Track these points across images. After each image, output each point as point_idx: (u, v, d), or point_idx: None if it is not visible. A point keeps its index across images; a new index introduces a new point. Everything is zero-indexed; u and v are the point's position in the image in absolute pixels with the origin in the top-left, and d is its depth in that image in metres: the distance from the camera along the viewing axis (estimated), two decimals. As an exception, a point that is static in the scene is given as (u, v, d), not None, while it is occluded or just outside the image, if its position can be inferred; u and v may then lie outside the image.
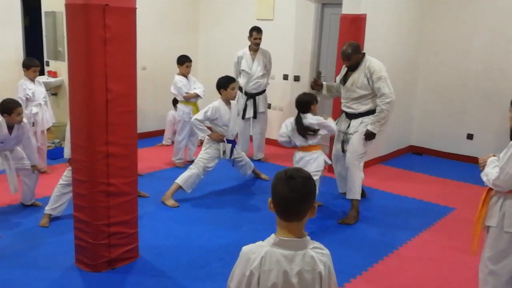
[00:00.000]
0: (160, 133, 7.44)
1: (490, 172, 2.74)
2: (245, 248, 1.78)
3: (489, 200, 2.83)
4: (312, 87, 4.99)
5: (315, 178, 4.17)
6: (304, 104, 4.46)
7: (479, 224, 2.86)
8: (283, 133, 4.50)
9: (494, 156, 2.85)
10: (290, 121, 4.49)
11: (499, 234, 2.76)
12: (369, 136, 4.56)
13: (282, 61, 6.94)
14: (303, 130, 4.42)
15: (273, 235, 1.77)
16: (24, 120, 4.56)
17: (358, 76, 4.55)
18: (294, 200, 1.71)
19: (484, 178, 2.79)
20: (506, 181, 2.66)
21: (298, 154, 4.53)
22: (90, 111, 3.28)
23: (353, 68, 4.58)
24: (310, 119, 4.41)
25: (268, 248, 1.73)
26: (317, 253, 1.75)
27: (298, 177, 1.72)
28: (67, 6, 3.24)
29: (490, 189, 2.82)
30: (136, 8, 3.35)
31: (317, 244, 1.80)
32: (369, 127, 4.53)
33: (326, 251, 1.80)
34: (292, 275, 1.71)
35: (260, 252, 1.73)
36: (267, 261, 1.72)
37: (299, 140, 4.47)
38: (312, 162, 4.44)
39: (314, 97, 4.54)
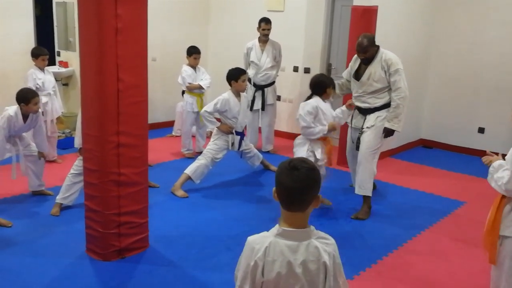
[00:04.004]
0: (170, 124, 7.46)
1: (501, 177, 2.52)
2: (250, 238, 1.80)
3: (503, 208, 2.60)
4: None
5: None
6: (319, 84, 4.18)
7: (495, 233, 2.64)
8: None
9: (498, 155, 2.69)
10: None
11: None
12: (388, 133, 4.48)
13: (292, 53, 6.91)
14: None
15: (277, 226, 1.78)
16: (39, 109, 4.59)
17: (374, 70, 4.43)
18: (297, 190, 1.71)
19: (493, 184, 2.59)
20: None
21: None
22: (101, 101, 3.29)
23: (367, 61, 4.47)
24: (300, 107, 4.14)
25: (272, 238, 1.74)
26: (322, 243, 1.75)
27: (302, 167, 1.72)
28: (79, -5, 3.24)
29: (503, 196, 2.61)
30: (147, -2, 3.36)
31: (322, 234, 1.80)
32: (387, 125, 4.42)
33: (332, 240, 1.80)
34: (296, 265, 1.72)
35: (264, 243, 1.74)
36: (271, 252, 1.73)
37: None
38: (296, 146, 4.32)
39: (331, 80, 4.30)
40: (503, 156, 2.66)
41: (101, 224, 3.48)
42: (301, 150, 4.29)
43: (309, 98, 4.28)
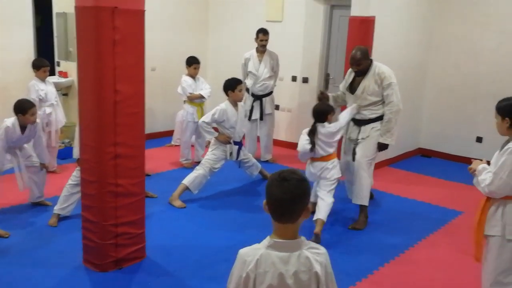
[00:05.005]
0: (169, 134, 7.47)
1: (484, 179, 2.74)
2: (242, 251, 1.82)
3: (488, 209, 2.82)
4: (320, 99, 4.86)
5: (333, 186, 4.29)
6: (322, 113, 4.33)
7: (480, 232, 2.85)
8: (302, 146, 4.29)
9: (483, 160, 2.87)
10: (306, 136, 4.30)
11: (503, 243, 2.76)
12: (382, 147, 4.52)
13: (291, 63, 6.95)
14: (319, 139, 4.28)
15: (268, 237, 1.79)
16: (37, 120, 4.62)
17: (368, 83, 4.47)
18: (287, 201, 1.73)
19: (478, 187, 2.80)
20: (499, 186, 2.67)
21: (319, 164, 4.32)
22: (98, 112, 3.32)
23: (361, 74, 4.51)
24: (328, 127, 4.29)
25: (263, 250, 1.76)
26: (313, 253, 1.77)
27: (292, 179, 1.74)
28: (77, 8, 3.28)
29: (488, 198, 2.82)
30: (144, 11, 3.39)
31: (313, 244, 1.81)
32: (380, 139, 4.47)
33: (323, 250, 1.81)
34: (287, 277, 1.73)
35: (255, 255, 1.76)
36: (263, 264, 1.75)
37: (321, 150, 4.28)
38: (332, 169, 4.34)
39: (332, 107, 4.44)
40: (488, 162, 2.85)
41: (98, 235, 3.48)
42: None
43: (314, 126, 4.30)
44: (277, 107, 6.92)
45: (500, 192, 2.71)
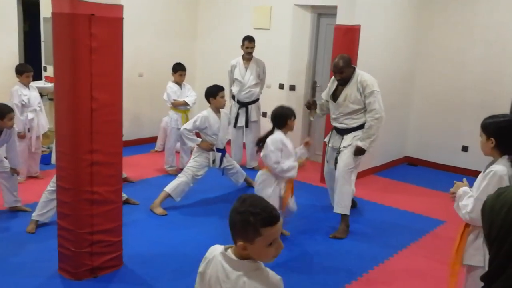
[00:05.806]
0: (156, 140, 7.43)
1: (465, 204, 2.53)
2: (211, 247, 1.86)
3: (467, 237, 2.61)
4: (309, 107, 4.91)
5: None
6: (279, 117, 4.06)
7: (458, 262, 2.65)
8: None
9: (463, 181, 2.71)
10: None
11: None
12: (359, 151, 4.50)
13: (278, 70, 6.95)
14: (260, 145, 4.10)
15: (226, 246, 1.81)
16: (14, 125, 4.59)
17: (350, 91, 4.47)
18: (229, 220, 1.76)
19: (459, 212, 2.60)
20: None
21: None
22: (75, 120, 3.29)
23: (343, 82, 4.51)
24: (268, 143, 4.00)
25: (217, 253, 1.79)
26: (253, 280, 1.70)
27: (237, 205, 1.73)
28: (54, 15, 3.27)
29: (467, 224, 2.62)
30: (123, 18, 3.37)
31: (263, 272, 1.74)
32: (360, 143, 4.45)
33: (270, 280, 1.73)
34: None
35: (211, 254, 1.82)
36: (211, 265, 1.80)
37: None
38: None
39: (292, 111, 4.12)
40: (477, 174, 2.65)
41: (73, 243, 3.45)
42: (267, 188, 4.06)
43: (271, 132, 4.11)
44: (264, 115, 6.91)
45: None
